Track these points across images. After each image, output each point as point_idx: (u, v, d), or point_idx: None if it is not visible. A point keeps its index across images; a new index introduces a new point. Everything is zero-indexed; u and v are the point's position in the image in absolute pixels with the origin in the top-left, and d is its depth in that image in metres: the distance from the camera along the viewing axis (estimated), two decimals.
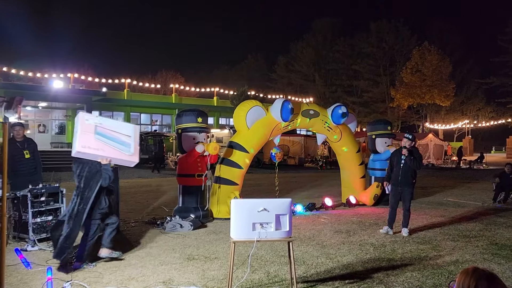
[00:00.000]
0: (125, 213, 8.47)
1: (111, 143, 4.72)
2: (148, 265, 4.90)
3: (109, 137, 4.72)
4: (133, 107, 33.95)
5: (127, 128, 4.95)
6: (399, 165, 6.78)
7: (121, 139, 4.80)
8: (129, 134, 4.89)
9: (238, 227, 4.06)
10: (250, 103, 8.42)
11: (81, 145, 4.52)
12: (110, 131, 4.75)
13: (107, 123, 4.79)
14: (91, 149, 4.57)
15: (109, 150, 4.69)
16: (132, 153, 4.84)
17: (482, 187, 14.18)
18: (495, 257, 5.42)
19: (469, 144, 44.45)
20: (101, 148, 4.63)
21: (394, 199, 6.88)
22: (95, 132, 4.63)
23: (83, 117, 4.69)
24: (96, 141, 4.61)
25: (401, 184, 6.75)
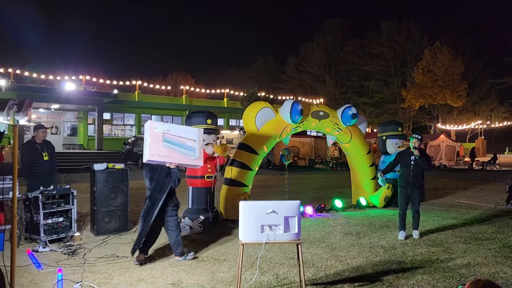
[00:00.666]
0: (135, 214, 8.48)
1: (178, 149, 5.07)
2: (157, 267, 4.93)
3: (176, 144, 5.07)
4: (144, 108, 34.18)
5: (192, 133, 5.27)
6: (408, 166, 6.62)
7: (187, 144, 5.15)
8: (194, 139, 5.22)
9: (246, 229, 4.06)
10: (259, 105, 8.41)
11: (151, 154, 4.89)
12: (177, 137, 5.10)
13: (174, 129, 5.12)
14: (160, 156, 4.95)
15: (176, 156, 5.06)
16: (197, 157, 5.20)
17: (495, 188, 13.97)
18: (508, 260, 5.33)
19: (482, 145, 43.87)
20: (169, 155, 5.01)
21: (404, 201, 6.73)
22: (163, 139, 4.99)
23: (151, 125, 4.99)
24: (164, 149, 4.98)
25: (411, 186, 6.62)
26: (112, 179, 6.59)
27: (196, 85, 44.60)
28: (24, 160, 6.93)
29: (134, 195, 11.83)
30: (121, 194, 6.68)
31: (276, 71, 62.78)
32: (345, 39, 53.95)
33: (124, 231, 6.70)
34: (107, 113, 31.55)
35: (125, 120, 34.18)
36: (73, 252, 5.39)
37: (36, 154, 6.87)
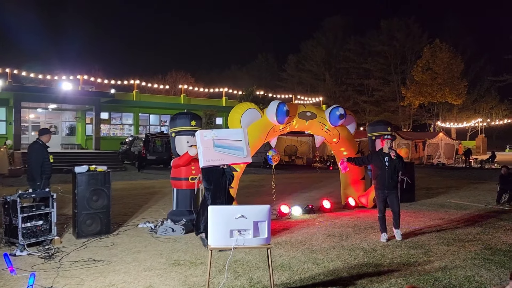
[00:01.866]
0: (121, 216, 8.54)
1: (228, 151, 5.76)
2: (132, 271, 4.92)
3: (225, 147, 5.77)
4: (142, 108, 34.20)
5: (238, 134, 5.94)
6: (383, 168, 6.55)
7: (235, 145, 5.82)
8: (240, 139, 5.87)
9: (215, 234, 4.04)
10: (245, 106, 8.38)
11: (205, 159, 5.64)
12: (225, 140, 5.79)
13: (221, 134, 5.84)
14: (213, 160, 5.69)
15: (227, 157, 5.76)
16: (245, 156, 5.85)
17: (489, 187, 13.90)
18: (486, 263, 5.30)
19: (482, 143, 43.76)
20: (221, 158, 5.72)
21: (382, 204, 6.67)
22: (214, 145, 5.71)
23: (201, 134, 5.72)
24: (216, 153, 5.69)
25: (387, 187, 6.55)
26: (94, 181, 6.58)
27: (195, 84, 44.61)
28: (34, 161, 7.01)
29: (125, 196, 11.87)
30: (103, 197, 6.68)
31: (276, 70, 62.73)
32: (345, 37, 53.80)
33: (106, 233, 6.70)
34: (105, 113, 31.57)
35: (123, 119, 34.20)
36: (50, 256, 5.39)
37: (45, 156, 7.05)
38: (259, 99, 35.38)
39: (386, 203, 6.69)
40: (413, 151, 27.83)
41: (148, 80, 39.02)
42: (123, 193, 12.62)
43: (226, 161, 5.81)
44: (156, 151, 23.23)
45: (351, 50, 51.64)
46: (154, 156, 23.11)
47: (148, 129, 34.49)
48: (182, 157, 7.48)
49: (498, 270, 5.02)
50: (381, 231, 6.66)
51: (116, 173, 19.93)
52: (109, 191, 6.76)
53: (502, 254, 5.71)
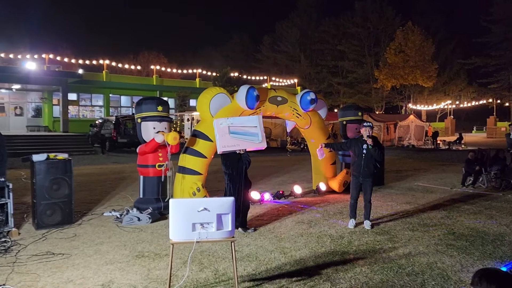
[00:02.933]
0: (87, 204, 8.29)
1: (244, 137, 6.22)
2: (92, 265, 4.75)
3: (241, 133, 6.23)
4: (113, 89, 33.27)
5: (253, 121, 6.35)
6: (360, 155, 6.48)
7: (250, 131, 6.26)
8: (255, 125, 6.29)
9: (177, 227, 3.92)
10: (214, 90, 8.18)
11: (221, 146, 6.12)
12: (241, 127, 6.25)
13: (237, 122, 6.31)
14: (229, 146, 6.14)
15: (243, 143, 6.22)
16: (260, 141, 6.29)
17: (456, 169, 14.25)
18: (448, 249, 5.40)
19: (451, 125, 44.94)
20: (237, 144, 6.19)
21: (356, 190, 6.65)
22: (229, 132, 6.20)
23: (217, 122, 6.27)
24: (232, 139, 6.17)
25: (363, 175, 6.51)
26: (54, 170, 6.31)
27: (169, 65, 43.66)
28: None
29: (92, 181, 11.54)
30: (64, 186, 6.42)
31: (252, 50, 62.05)
32: (319, 18, 53.59)
33: (68, 224, 6.47)
34: (73, 94, 30.57)
35: (93, 101, 33.23)
36: (6, 250, 5.15)
37: None
38: (234, 81, 35.00)
39: (360, 190, 6.66)
40: (384, 133, 28.29)
41: (119, 60, 37.87)
42: (90, 178, 12.29)
43: (242, 146, 6.25)
44: (127, 134, 22.72)
45: (326, 32, 51.54)
46: (125, 139, 22.60)
47: (119, 111, 33.66)
48: (149, 143, 7.25)
49: (460, 256, 5.12)
50: (350, 217, 6.70)
51: (85, 157, 19.43)
52: (70, 179, 6.50)
53: (464, 239, 5.84)
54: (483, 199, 8.88)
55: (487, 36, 44.76)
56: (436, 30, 46.68)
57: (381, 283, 4.30)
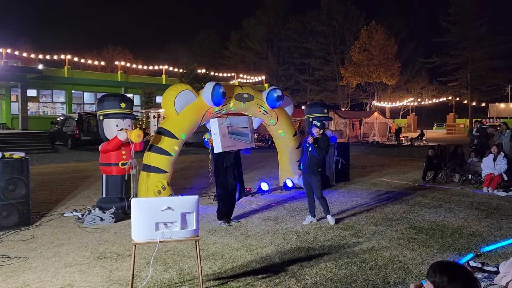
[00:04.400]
0: (46, 204, 7.98)
1: (239, 138, 6.64)
2: (50, 268, 4.56)
3: (237, 133, 6.64)
4: (75, 85, 32.25)
5: (244, 121, 6.78)
6: (306, 152, 6.68)
7: (243, 132, 6.67)
8: (246, 126, 6.71)
9: (139, 227, 3.82)
10: (179, 87, 8.05)
11: (223, 146, 6.50)
12: (236, 127, 6.63)
13: (233, 122, 6.67)
14: (229, 147, 6.56)
15: (239, 143, 6.67)
16: (250, 141, 6.73)
17: (417, 165, 14.71)
18: (410, 242, 5.55)
19: (413, 121, 46.40)
20: (234, 144, 6.61)
21: (307, 187, 6.79)
22: (229, 132, 6.60)
23: (219, 122, 6.62)
24: (231, 140, 6.61)
25: (307, 172, 6.64)
26: (9, 169, 6.02)
27: (134, 61, 42.73)
28: None
29: (53, 180, 11.13)
30: (21, 186, 6.14)
31: (219, 47, 61.62)
32: (286, 15, 53.84)
33: (26, 225, 6.20)
34: (33, 90, 29.41)
35: (54, 97, 32.10)
36: None
37: None
38: (201, 77, 34.68)
39: (310, 187, 6.73)
40: (350, 129, 28.83)
41: (81, 56, 36.69)
42: (51, 177, 11.85)
43: (238, 147, 6.65)
44: (90, 132, 22.07)
45: (293, 29, 51.86)
46: (89, 136, 21.96)
47: (82, 108, 32.66)
48: (111, 141, 7.05)
49: (420, 249, 5.28)
50: (308, 214, 6.80)
51: (46, 155, 18.72)
52: (27, 179, 6.22)
53: (425, 233, 6.03)
54: (442, 194, 9.20)
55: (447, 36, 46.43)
56: (399, 29, 47.96)
57: (345, 277, 4.37)
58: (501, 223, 6.58)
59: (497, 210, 7.51)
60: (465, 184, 10.30)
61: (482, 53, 43.29)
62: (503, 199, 8.59)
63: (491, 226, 6.39)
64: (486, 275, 3.98)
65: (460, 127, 43.54)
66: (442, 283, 2.02)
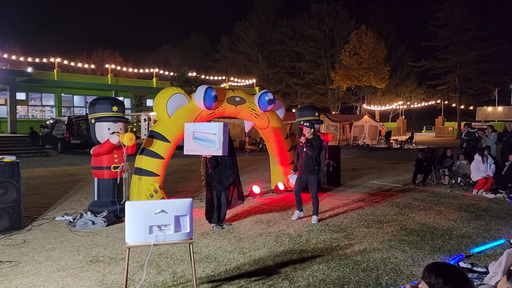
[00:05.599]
0: (37, 208, 7.92)
1: (203, 143, 6.60)
2: (43, 272, 4.53)
3: (202, 139, 6.62)
4: (65, 88, 31.98)
5: (214, 128, 6.60)
6: (301, 153, 7.13)
7: (209, 138, 6.59)
8: (214, 133, 6.56)
9: (133, 230, 3.82)
10: (171, 90, 8.06)
11: (186, 149, 6.66)
12: (203, 133, 6.61)
13: (201, 127, 6.69)
14: (192, 150, 6.64)
15: (202, 149, 6.62)
16: (217, 148, 6.55)
17: (407, 168, 14.86)
18: (401, 244, 5.62)
19: (402, 124, 46.84)
20: (197, 149, 6.62)
21: (298, 186, 7.22)
22: (193, 137, 6.66)
23: (186, 127, 6.75)
24: (194, 144, 6.63)
25: (305, 171, 7.05)
26: (0, 173, 5.97)
27: (125, 64, 42.51)
28: None
29: (43, 184, 11.02)
30: (12, 190, 6.09)
31: (210, 50, 61.64)
32: (277, 19, 54.06)
33: (17, 229, 6.15)
34: (22, 93, 29.15)
35: (44, 100, 31.81)
36: None
37: None
38: (192, 81, 34.64)
39: (302, 185, 7.20)
40: (340, 133, 29.02)
41: (71, 59, 36.43)
42: (41, 181, 11.75)
43: (201, 152, 6.64)
44: (81, 135, 21.94)
45: (283, 33, 52.07)
46: (79, 140, 21.81)
47: (72, 111, 32.40)
48: (103, 145, 7.03)
49: (411, 251, 5.35)
50: (296, 209, 7.22)
51: (36, 159, 18.55)
52: (19, 183, 6.17)
53: (415, 234, 6.11)
54: (432, 196, 9.32)
55: (435, 40, 47.00)
56: (388, 34, 48.50)
57: (337, 279, 4.41)
58: (490, 225, 6.69)
59: (486, 212, 7.63)
60: (454, 186, 10.44)
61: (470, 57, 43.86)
62: (492, 201, 8.73)
63: (480, 228, 6.49)
64: (476, 275, 4.05)
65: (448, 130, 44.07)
66: (438, 284, 2.07)
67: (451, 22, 44.96)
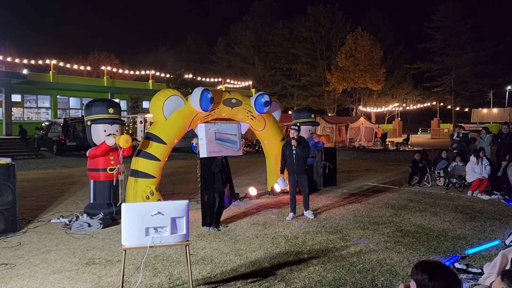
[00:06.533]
0: (32, 210, 7.89)
1: (226, 144, 6.74)
2: (38, 275, 4.52)
3: (225, 140, 6.74)
4: (61, 90, 31.89)
5: (233, 128, 6.86)
6: (291, 156, 7.29)
7: (231, 139, 6.79)
8: (235, 133, 6.81)
9: (129, 232, 3.82)
10: (167, 92, 8.06)
11: (208, 151, 6.57)
12: (224, 134, 6.74)
13: (221, 128, 6.79)
14: (215, 152, 6.62)
15: (225, 150, 6.75)
16: (238, 149, 6.81)
17: (403, 169, 14.94)
18: (397, 245, 5.65)
19: (398, 126, 46.99)
20: (220, 150, 6.69)
21: (293, 187, 7.41)
22: (216, 138, 6.69)
23: (206, 127, 6.70)
24: (217, 145, 6.70)
25: (296, 172, 7.25)
26: None
27: (121, 66, 42.45)
28: None
29: (39, 187, 10.98)
30: (7, 192, 6.06)
31: (206, 52, 61.70)
32: (273, 21, 54.24)
33: (12, 232, 6.13)
34: (17, 95, 29.04)
35: (39, 102, 31.69)
36: None
37: None
38: (188, 83, 34.65)
39: (296, 186, 7.42)
40: (336, 134, 29.09)
41: (67, 60, 36.33)
42: (37, 183, 11.71)
43: (224, 153, 6.72)
44: (76, 137, 21.86)
45: (279, 35, 52.25)
46: (75, 142, 21.73)
47: (68, 113, 32.30)
48: (99, 146, 7.02)
49: (407, 252, 5.37)
50: (290, 211, 7.35)
51: (31, 161, 18.47)
52: (14, 185, 6.15)
53: (411, 236, 6.13)
54: (428, 197, 9.36)
55: (431, 42, 47.33)
56: (384, 36, 48.79)
57: (333, 281, 4.42)
58: (485, 226, 6.73)
59: (481, 213, 7.67)
60: (449, 188, 10.49)
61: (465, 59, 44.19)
62: (487, 202, 8.78)
63: (475, 229, 6.53)
64: (471, 276, 4.08)
65: (444, 132, 44.22)
66: (423, 280, 2.10)
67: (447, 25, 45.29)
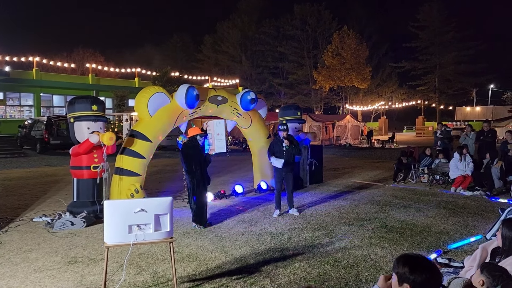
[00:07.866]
0: (14, 209, 7.74)
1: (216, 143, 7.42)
2: (19, 274, 4.44)
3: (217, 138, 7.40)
4: (44, 88, 31.35)
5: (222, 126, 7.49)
6: (281, 152, 7.31)
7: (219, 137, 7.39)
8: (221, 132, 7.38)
9: (112, 230, 3.77)
10: (152, 89, 8.00)
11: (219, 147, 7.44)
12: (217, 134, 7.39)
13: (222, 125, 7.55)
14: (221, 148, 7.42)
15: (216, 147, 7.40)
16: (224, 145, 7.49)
17: (388, 167, 15.07)
18: (381, 241, 5.69)
19: (384, 124, 47.44)
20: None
21: (280, 184, 7.46)
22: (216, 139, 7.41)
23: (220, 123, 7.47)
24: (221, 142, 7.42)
25: (288, 170, 7.36)
26: None
27: (106, 63, 41.95)
28: None
29: (21, 185, 10.79)
30: None
31: (193, 50, 61.35)
32: (260, 19, 54.24)
33: None
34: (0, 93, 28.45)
35: (22, 100, 31.11)
36: None
37: None
38: (174, 81, 34.40)
39: (282, 183, 7.46)
40: (323, 132, 29.24)
41: (51, 58, 35.73)
42: (19, 182, 11.50)
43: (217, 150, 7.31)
44: (60, 135, 21.53)
45: (266, 33, 52.28)
46: (58, 140, 21.40)
47: (51, 111, 31.78)
48: (83, 144, 6.92)
49: (391, 247, 5.42)
50: (275, 208, 7.36)
51: (14, 160, 18.14)
52: None
53: (395, 231, 6.19)
54: (412, 194, 9.47)
55: (415, 42, 47.89)
56: (370, 35, 49.15)
57: (318, 276, 4.44)
58: (467, 221, 6.83)
59: (464, 209, 7.79)
60: (433, 184, 10.62)
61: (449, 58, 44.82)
62: (469, 198, 8.92)
63: (458, 224, 6.63)
64: (452, 269, 4.14)
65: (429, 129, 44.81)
66: (404, 273, 2.12)
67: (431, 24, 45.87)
